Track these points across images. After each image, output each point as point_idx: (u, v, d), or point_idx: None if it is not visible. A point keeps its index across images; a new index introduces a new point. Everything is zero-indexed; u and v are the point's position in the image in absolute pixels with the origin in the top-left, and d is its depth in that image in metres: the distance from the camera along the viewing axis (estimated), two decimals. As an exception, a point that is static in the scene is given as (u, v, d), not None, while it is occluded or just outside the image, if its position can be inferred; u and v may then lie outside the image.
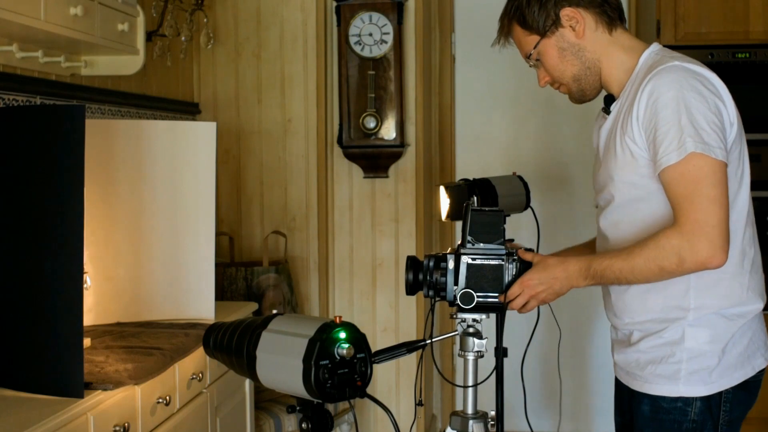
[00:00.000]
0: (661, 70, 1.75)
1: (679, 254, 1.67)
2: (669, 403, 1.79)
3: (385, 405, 1.46)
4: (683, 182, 1.69)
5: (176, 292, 2.66)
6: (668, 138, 1.70)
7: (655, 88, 1.74)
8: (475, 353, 1.78)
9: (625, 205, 1.84)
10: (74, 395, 1.82)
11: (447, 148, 4.23)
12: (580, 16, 1.87)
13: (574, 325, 4.16)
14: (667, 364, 1.80)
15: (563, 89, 1.95)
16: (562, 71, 1.91)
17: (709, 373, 1.78)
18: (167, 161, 2.66)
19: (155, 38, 3.10)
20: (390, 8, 3.60)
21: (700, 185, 1.68)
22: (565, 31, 1.89)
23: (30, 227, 1.93)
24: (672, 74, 1.74)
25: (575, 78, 1.91)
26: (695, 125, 1.69)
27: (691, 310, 1.78)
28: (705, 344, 1.78)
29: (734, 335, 1.79)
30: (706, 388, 1.78)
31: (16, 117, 2.04)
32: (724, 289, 1.79)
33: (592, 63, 1.89)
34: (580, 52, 1.89)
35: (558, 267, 1.79)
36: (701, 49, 3.71)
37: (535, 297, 1.80)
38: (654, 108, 1.73)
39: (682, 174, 1.69)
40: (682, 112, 1.70)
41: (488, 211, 1.76)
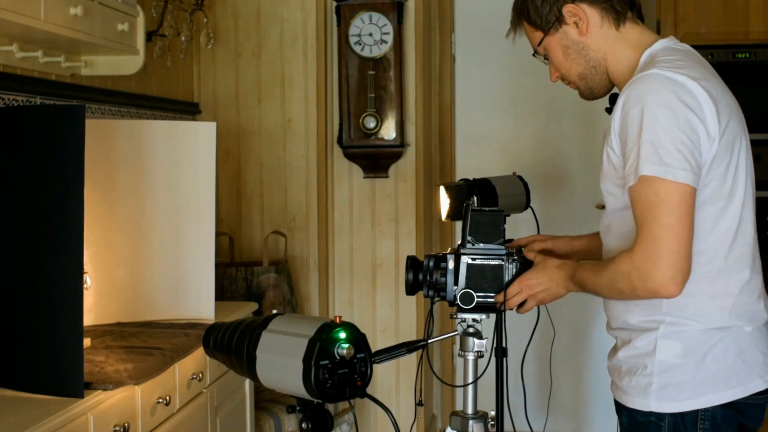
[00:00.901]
0: (638, 78, 1.66)
1: (630, 280, 1.62)
2: (643, 417, 1.71)
3: (385, 405, 1.46)
4: (639, 206, 1.61)
5: (176, 292, 2.66)
6: (631, 157, 1.62)
7: (627, 99, 1.65)
8: (475, 353, 1.78)
9: (612, 212, 1.78)
10: (74, 395, 1.82)
11: (447, 148, 4.23)
12: (583, 13, 1.79)
13: (575, 324, 4.16)
14: (640, 377, 1.72)
15: (571, 86, 1.93)
16: (568, 69, 1.88)
17: (681, 389, 1.68)
18: (167, 161, 2.66)
19: (155, 38, 3.10)
20: (390, 8, 3.60)
21: (654, 211, 1.58)
22: (569, 29, 1.82)
23: (30, 227, 1.93)
24: (644, 85, 1.64)
25: (581, 76, 1.87)
26: (655, 144, 1.58)
27: (665, 323, 1.69)
28: (677, 357, 1.68)
29: (712, 349, 1.67)
30: (677, 404, 1.68)
31: (16, 117, 2.04)
32: (700, 309, 1.68)
33: (597, 61, 1.83)
34: (584, 50, 1.83)
35: (556, 269, 1.79)
36: (701, 49, 3.68)
37: (533, 297, 1.79)
38: (625, 121, 1.65)
39: (637, 197, 1.61)
40: (645, 129, 1.60)
41: (488, 211, 1.76)
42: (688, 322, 1.68)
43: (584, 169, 4.21)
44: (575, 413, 4.28)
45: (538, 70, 4.18)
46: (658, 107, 1.60)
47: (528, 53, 2.05)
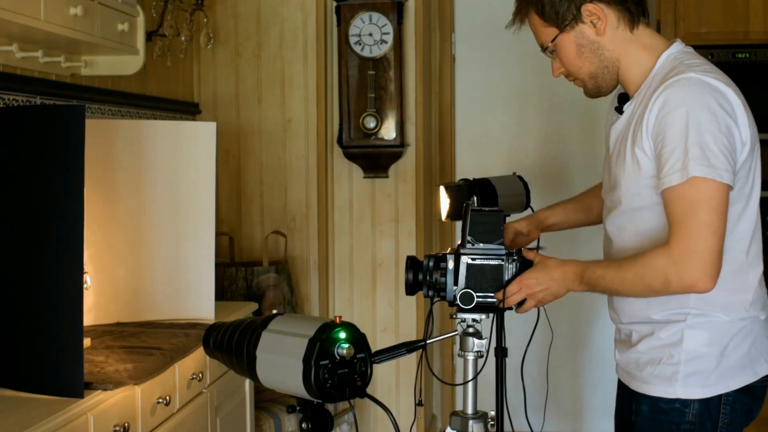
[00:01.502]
0: (676, 81, 1.70)
1: (666, 276, 1.67)
2: (667, 404, 1.78)
3: (385, 405, 1.46)
4: (681, 204, 1.66)
5: (176, 292, 2.65)
6: (673, 157, 1.66)
7: (667, 101, 1.69)
8: (475, 353, 1.78)
9: (630, 212, 1.82)
10: (74, 395, 1.82)
11: (447, 148, 4.23)
12: (603, 12, 1.80)
13: (575, 324, 4.16)
14: (665, 365, 1.78)
15: (578, 83, 1.92)
16: (579, 67, 1.87)
17: (708, 376, 1.76)
18: (167, 161, 2.66)
19: (155, 38, 3.10)
20: (390, 8, 3.60)
21: (696, 209, 1.65)
22: (585, 27, 1.82)
23: (30, 227, 1.93)
24: (686, 89, 1.69)
25: (592, 75, 1.87)
26: (702, 146, 1.65)
27: (691, 315, 1.76)
28: (703, 346, 1.76)
29: (734, 338, 1.76)
30: (704, 390, 1.76)
31: (16, 117, 2.04)
32: (725, 302, 1.76)
33: (611, 62, 1.84)
34: (599, 50, 1.84)
35: (557, 269, 1.79)
36: (701, 49, 3.69)
37: (533, 297, 1.79)
38: (664, 122, 1.69)
39: (680, 195, 1.66)
40: (691, 131, 1.65)
41: (488, 211, 1.76)
42: (714, 314, 1.76)
43: (584, 168, 4.21)
44: (575, 413, 4.28)
45: (539, 70, 4.20)
46: (703, 111, 1.67)
47: (528, 53, 2.06)
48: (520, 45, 4.20)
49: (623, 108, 1.85)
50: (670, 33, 3.78)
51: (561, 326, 4.19)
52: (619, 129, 1.85)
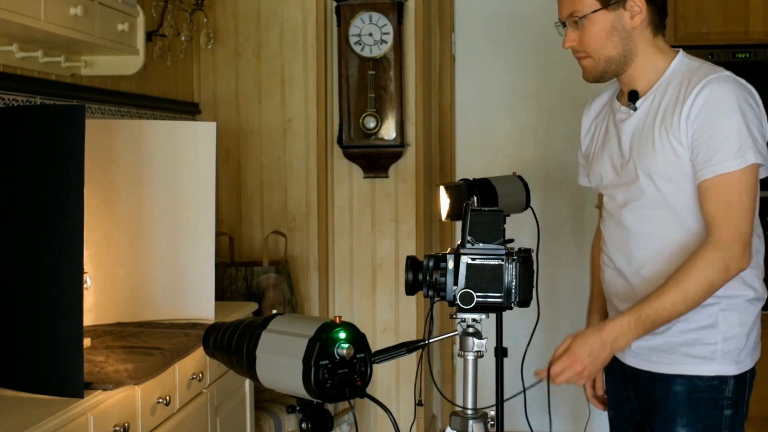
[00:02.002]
0: (717, 78, 1.84)
1: (726, 265, 1.79)
2: (705, 381, 1.90)
3: (385, 405, 1.46)
4: (734, 191, 1.79)
5: (176, 292, 2.66)
6: (726, 145, 1.79)
7: (712, 94, 1.81)
8: (475, 353, 1.78)
9: (659, 200, 1.90)
10: (74, 395, 1.82)
11: (447, 148, 4.23)
12: (644, 7, 1.90)
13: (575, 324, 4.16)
14: (702, 346, 1.90)
15: (586, 62, 1.96)
16: (601, 47, 1.92)
17: (739, 353, 1.91)
18: (167, 161, 2.66)
19: (155, 38, 3.10)
20: (390, 8, 3.60)
21: (744, 195, 1.80)
22: (625, 14, 1.90)
23: (30, 227, 1.93)
24: (729, 84, 1.84)
25: (609, 59, 1.93)
26: (753, 136, 1.79)
27: (723, 298, 1.87)
28: (736, 327, 1.90)
29: (755, 319, 1.94)
30: (738, 367, 1.91)
31: (16, 117, 2.04)
32: (747, 281, 1.91)
33: (630, 53, 1.93)
34: (628, 39, 1.92)
35: (603, 332, 1.81)
36: (701, 49, 3.71)
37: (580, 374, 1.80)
38: (710, 113, 1.81)
39: (736, 182, 1.79)
40: (741, 122, 1.79)
41: (488, 211, 1.76)
42: (739, 294, 1.90)
43: (584, 169, 4.21)
44: (574, 413, 4.28)
45: (539, 70, 4.20)
46: (745, 104, 1.82)
47: (528, 53, 2.05)
48: (520, 45, 4.22)
49: (636, 104, 1.94)
50: (670, 33, 3.77)
51: (561, 326, 4.19)
52: (635, 123, 1.94)
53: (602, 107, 2.12)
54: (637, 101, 1.94)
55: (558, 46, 2.03)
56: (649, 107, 1.92)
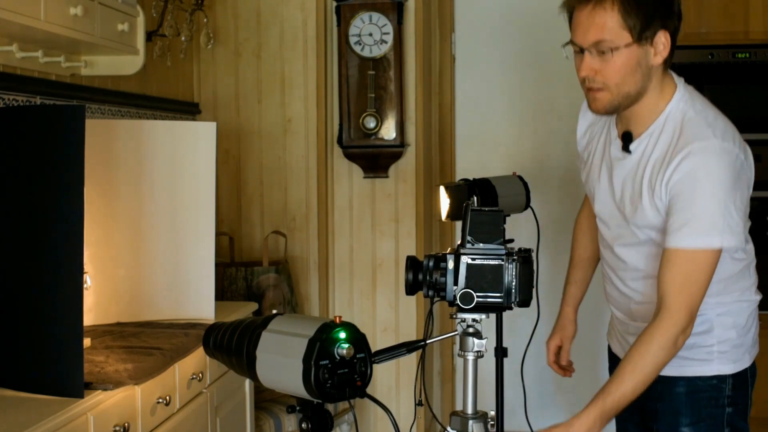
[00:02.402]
0: (702, 148, 1.78)
1: (676, 342, 1.79)
2: (705, 381, 1.94)
3: (385, 405, 1.46)
4: (694, 268, 1.79)
5: (176, 292, 2.66)
6: (697, 222, 1.77)
7: (693, 167, 1.77)
8: (475, 353, 1.77)
9: (648, 242, 1.91)
10: (74, 395, 1.82)
11: (447, 148, 4.23)
12: (668, 44, 1.83)
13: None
14: (698, 349, 1.93)
15: (602, 94, 1.86)
16: (623, 82, 1.83)
17: (737, 352, 1.95)
18: (167, 161, 2.66)
19: (155, 38, 3.10)
20: (390, 8, 3.60)
21: (703, 274, 1.79)
22: (650, 50, 1.82)
23: (30, 227, 1.93)
24: (712, 157, 1.78)
25: (627, 95, 1.85)
26: (726, 216, 1.77)
27: (718, 305, 1.93)
28: (731, 329, 1.94)
29: (749, 317, 1.98)
30: (736, 365, 1.95)
31: (16, 117, 2.04)
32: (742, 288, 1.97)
33: (644, 91, 1.86)
34: (646, 76, 1.85)
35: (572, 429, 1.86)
36: (701, 49, 3.72)
37: None
38: (688, 186, 1.78)
39: (697, 260, 1.78)
40: (717, 202, 1.76)
41: (488, 211, 1.76)
42: (733, 303, 1.95)
43: (584, 169, 4.21)
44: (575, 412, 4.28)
45: (539, 70, 4.19)
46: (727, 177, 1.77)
47: (528, 53, 2.05)
48: (520, 45, 4.22)
49: (630, 147, 1.91)
50: (670, 33, 3.78)
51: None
52: (628, 168, 1.92)
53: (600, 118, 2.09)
54: (631, 144, 1.90)
55: (558, 47, 2.02)
56: (642, 154, 1.89)
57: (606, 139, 2.02)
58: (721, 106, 1.93)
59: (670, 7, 1.84)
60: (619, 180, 1.95)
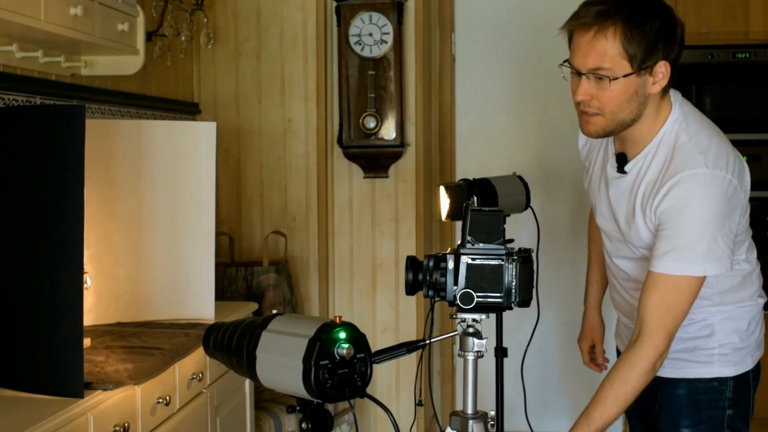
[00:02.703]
0: (692, 176, 1.77)
1: (654, 366, 1.80)
2: (705, 383, 1.94)
3: (385, 405, 1.46)
4: (676, 295, 1.79)
5: (176, 292, 2.66)
6: (682, 249, 1.77)
7: (684, 196, 1.77)
8: (475, 353, 1.77)
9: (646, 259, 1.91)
10: (74, 395, 1.82)
11: (447, 148, 4.23)
12: (668, 73, 1.80)
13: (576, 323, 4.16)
14: (700, 351, 1.95)
15: (597, 119, 1.84)
16: (619, 110, 1.81)
17: (738, 355, 1.95)
18: (167, 161, 2.66)
19: (155, 38, 3.10)
20: (390, 8, 3.60)
21: (684, 299, 1.80)
22: (649, 80, 1.80)
23: (30, 227, 1.93)
24: (702, 187, 1.77)
25: (621, 122, 1.83)
26: (712, 245, 1.76)
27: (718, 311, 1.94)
28: (732, 333, 1.95)
29: (752, 320, 1.98)
30: (737, 368, 1.95)
31: (16, 117, 2.04)
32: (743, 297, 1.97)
33: (639, 117, 1.84)
34: (643, 104, 1.82)
35: None
36: (701, 49, 3.71)
37: None
38: (677, 213, 1.78)
39: (679, 287, 1.79)
40: (705, 231, 1.76)
41: (488, 211, 1.76)
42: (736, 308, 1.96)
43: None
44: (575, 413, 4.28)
45: (538, 70, 4.19)
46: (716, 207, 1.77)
47: (527, 53, 2.04)
48: (520, 45, 4.22)
49: (625, 168, 1.91)
50: (670, 33, 3.77)
51: (561, 326, 4.19)
52: (623, 188, 1.92)
53: None
54: (627, 165, 1.90)
55: (558, 46, 2.02)
56: (636, 175, 1.89)
57: (604, 155, 2.02)
58: (721, 106, 1.92)
59: (672, 36, 1.79)
60: (615, 198, 1.96)
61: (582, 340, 2.35)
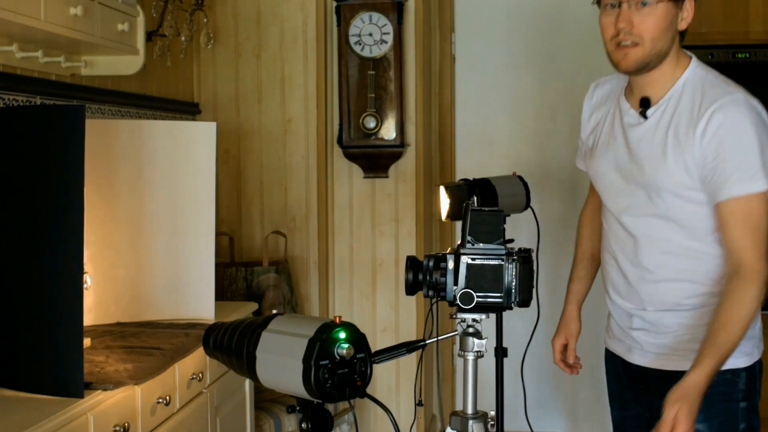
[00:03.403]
0: (731, 101, 1.85)
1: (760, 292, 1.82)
2: (719, 375, 1.86)
3: (385, 405, 1.46)
4: (756, 215, 1.83)
5: (176, 292, 2.65)
6: (742, 169, 1.81)
7: (727, 118, 1.83)
8: (475, 353, 1.77)
9: (662, 212, 1.92)
10: (74, 395, 1.82)
11: (447, 148, 4.23)
12: (692, 14, 1.92)
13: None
14: None
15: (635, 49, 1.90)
16: (658, 38, 1.89)
17: (748, 345, 1.92)
18: (167, 161, 2.66)
19: (155, 38, 3.10)
20: (390, 8, 3.60)
21: (764, 220, 1.82)
22: (679, 14, 1.91)
23: (30, 227, 1.93)
24: (743, 109, 1.85)
25: (659, 53, 1.90)
26: (765, 160, 1.81)
27: None
28: None
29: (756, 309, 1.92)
30: (748, 359, 1.94)
31: (16, 117, 2.04)
32: None
33: (667, 52, 1.91)
34: (673, 39, 1.92)
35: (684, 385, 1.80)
36: (701, 49, 3.71)
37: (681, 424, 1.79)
38: (725, 137, 1.82)
39: (756, 207, 1.82)
40: (757, 148, 1.81)
41: (488, 211, 1.76)
42: None
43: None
44: (575, 413, 4.28)
45: (539, 70, 4.19)
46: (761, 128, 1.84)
47: (528, 53, 2.04)
48: (520, 45, 4.22)
49: (647, 113, 1.94)
50: (670, 33, 3.77)
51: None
52: (645, 132, 1.94)
53: (606, 97, 2.11)
54: (649, 110, 1.93)
55: (558, 46, 2.02)
56: (660, 117, 1.92)
57: (615, 110, 2.04)
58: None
59: None
60: (636, 142, 1.96)
61: (556, 336, 2.30)
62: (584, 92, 2.23)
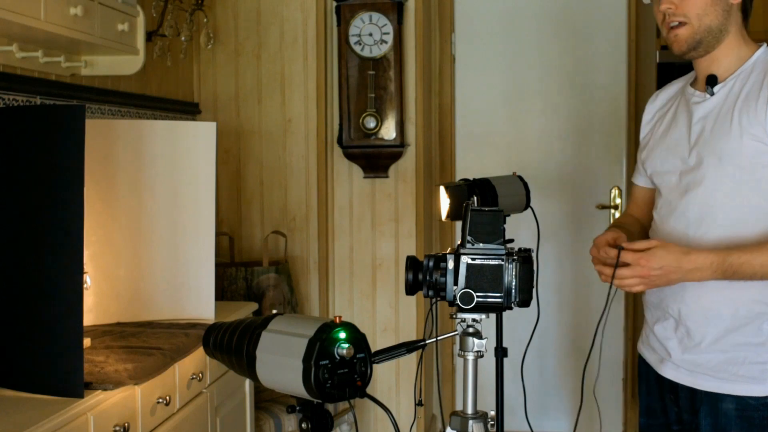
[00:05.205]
0: None
1: None
2: (757, 401, 1.82)
3: (385, 405, 1.46)
4: None
5: (176, 292, 2.66)
6: None
7: None
8: (475, 353, 1.78)
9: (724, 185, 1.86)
10: (74, 395, 1.82)
11: (447, 148, 4.23)
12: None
13: (576, 323, 4.16)
14: (751, 365, 1.83)
15: (683, 29, 1.89)
16: (704, 14, 1.87)
17: None
18: (167, 161, 2.66)
19: (155, 38, 3.10)
20: (390, 8, 3.60)
21: None
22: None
23: (30, 227, 1.93)
24: None
25: (708, 29, 1.88)
26: None
27: None
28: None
29: None
30: None
31: (16, 117, 2.04)
32: None
33: (725, 30, 1.89)
34: (726, 12, 1.89)
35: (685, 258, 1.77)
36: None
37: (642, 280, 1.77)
38: None
39: None
40: None
41: (488, 211, 1.76)
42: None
43: (584, 168, 4.21)
44: (573, 413, 4.28)
45: (539, 70, 4.19)
46: None
47: (528, 53, 2.04)
48: (520, 45, 4.22)
49: (714, 89, 1.91)
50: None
51: (562, 327, 4.19)
52: (711, 107, 1.91)
53: (671, 97, 2.09)
54: (716, 86, 1.91)
55: (558, 46, 2.02)
56: (728, 93, 1.89)
57: (680, 102, 2.02)
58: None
59: None
60: (698, 120, 1.92)
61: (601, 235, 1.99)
62: (584, 92, 2.22)
